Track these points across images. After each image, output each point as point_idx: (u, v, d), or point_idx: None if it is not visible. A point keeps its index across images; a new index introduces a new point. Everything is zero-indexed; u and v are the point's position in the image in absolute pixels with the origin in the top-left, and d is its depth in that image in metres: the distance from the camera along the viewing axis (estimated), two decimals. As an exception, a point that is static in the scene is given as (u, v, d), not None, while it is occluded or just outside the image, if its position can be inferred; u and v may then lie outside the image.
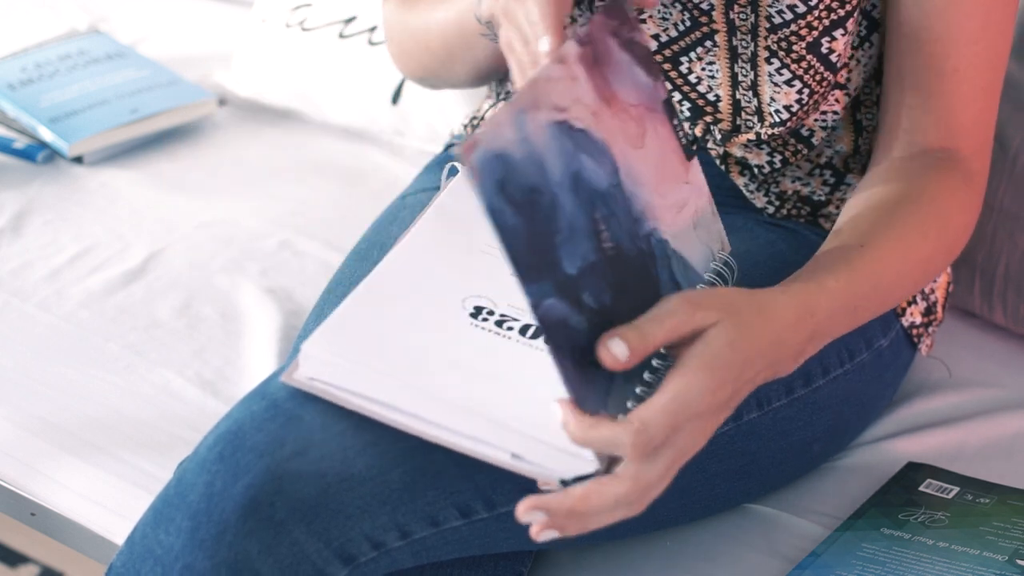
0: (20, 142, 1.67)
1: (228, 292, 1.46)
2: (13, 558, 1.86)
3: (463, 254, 1.02)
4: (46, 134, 1.67)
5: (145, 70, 1.79)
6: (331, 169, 1.69)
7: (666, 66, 1.15)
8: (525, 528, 1.01)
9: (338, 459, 0.93)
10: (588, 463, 0.87)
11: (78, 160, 1.67)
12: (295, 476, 0.92)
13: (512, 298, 0.98)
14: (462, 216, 1.05)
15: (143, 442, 1.27)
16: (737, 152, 1.18)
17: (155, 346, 1.38)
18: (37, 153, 1.66)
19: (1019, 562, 1.05)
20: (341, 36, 1.77)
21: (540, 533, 0.86)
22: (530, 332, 0.97)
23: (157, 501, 0.96)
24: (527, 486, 0.99)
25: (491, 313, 0.98)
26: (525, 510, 0.85)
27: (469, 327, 0.97)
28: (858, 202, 1.09)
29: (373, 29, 1.75)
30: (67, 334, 1.39)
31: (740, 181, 1.20)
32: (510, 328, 0.97)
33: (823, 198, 1.21)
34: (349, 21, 1.77)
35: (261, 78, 1.82)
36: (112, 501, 1.22)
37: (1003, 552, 1.06)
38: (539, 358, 0.93)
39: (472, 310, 0.98)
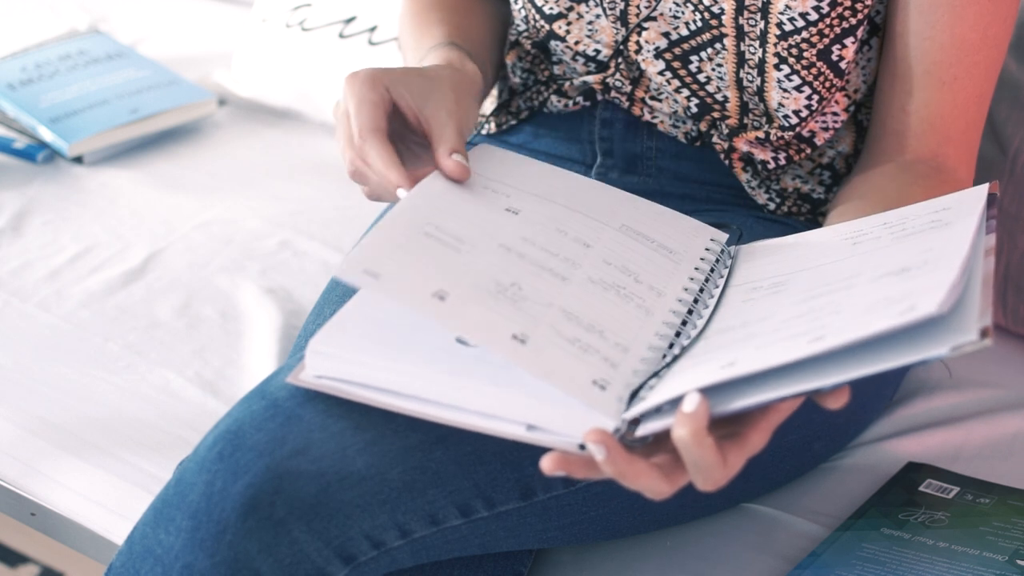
0: (20, 142, 1.68)
1: (228, 292, 1.45)
2: (13, 558, 1.86)
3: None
4: (46, 134, 1.67)
5: (145, 70, 1.79)
6: (331, 169, 1.69)
7: (676, 64, 1.16)
8: (525, 528, 1.01)
9: (338, 458, 0.93)
10: (608, 426, 0.87)
11: (78, 160, 1.67)
12: (295, 475, 0.92)
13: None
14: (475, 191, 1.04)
15: (143, 442, 1.26)
16: (743, 147, 1.18)
17: (155, 346, 1.38)
18: (37, 153, 1.66)
19: (1019, 562, 1.05)
20: (341, 36, 1.77)
21: (583, 470, 0.85)
22: None
23: (157, 501, 0.96)
24: (527, 485, 0.99)
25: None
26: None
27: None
28: (847, 211, 1.09)
29: (373, 29, 1.75)
30: (67, 334, 1.39)
31: (743, 178, 1.20)
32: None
33: (822, 196, 1.21)
34: (349, 21, 1.77)
35: (261, 78, 1.82)
36: (112, 501, 1.22)
37: (1003, 552, 1.06)
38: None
39: None
